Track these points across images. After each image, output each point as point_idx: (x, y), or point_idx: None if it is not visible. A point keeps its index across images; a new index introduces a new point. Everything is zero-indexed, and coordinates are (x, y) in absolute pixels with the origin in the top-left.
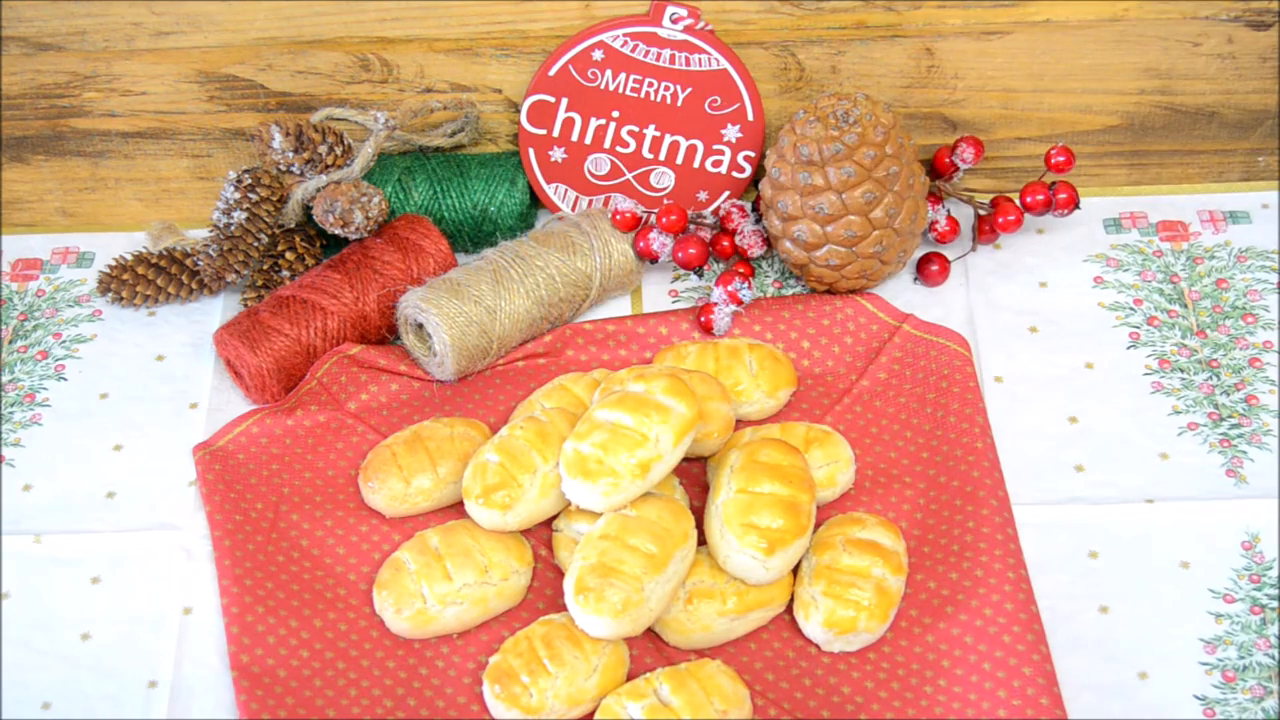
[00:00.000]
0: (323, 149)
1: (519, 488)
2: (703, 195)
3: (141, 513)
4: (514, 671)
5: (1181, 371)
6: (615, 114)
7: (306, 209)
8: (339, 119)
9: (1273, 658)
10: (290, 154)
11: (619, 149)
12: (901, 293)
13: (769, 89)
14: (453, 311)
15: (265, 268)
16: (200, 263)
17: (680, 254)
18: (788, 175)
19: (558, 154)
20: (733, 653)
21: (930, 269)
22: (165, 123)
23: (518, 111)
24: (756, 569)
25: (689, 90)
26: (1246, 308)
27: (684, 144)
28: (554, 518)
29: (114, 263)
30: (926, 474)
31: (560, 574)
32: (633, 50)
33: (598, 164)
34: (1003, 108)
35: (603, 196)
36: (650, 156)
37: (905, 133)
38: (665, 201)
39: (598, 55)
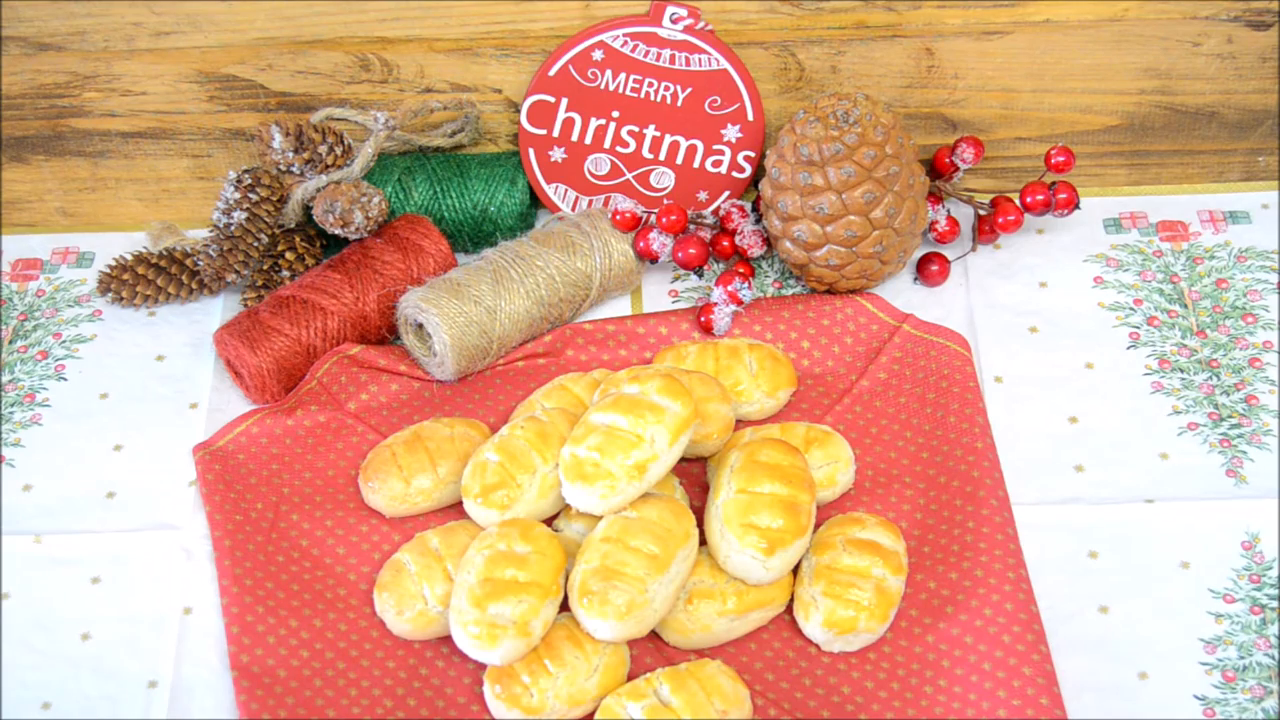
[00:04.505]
0: (323, 149)
1: (518, 488)
2: (703, 195)
3: (141, 513)
4: (515, 671)
5: (1181, 371)
6: (615, 114)
7: (306, 209)
8: (339, 119)
9: (1273, 658)
10: (290, 154)
11: (619, 149)
12: (901, 293)
13: (769, 89)
14: (453, 311)
15: (265, 268)
16: (200, 263)
17: (680, 254)
18: (788, 175)
19: (558, 154)
20: (733, 653)
21: (930, 269)
22: (165, 123)
23: (518, 111)
24: (756, 569)
25: (689, 90)
26: (1246, 308)
27: (684, 144)
28: (554, 518)
29: (114, 263)
30: (926, 474)
31: None
32: (633, 50)
33: (598, 164)
34: (1003, 108)
35: (603, 196)
36: (650, 156)
37: (905, 133)
38: (665, 201)
39: (598, 55)
